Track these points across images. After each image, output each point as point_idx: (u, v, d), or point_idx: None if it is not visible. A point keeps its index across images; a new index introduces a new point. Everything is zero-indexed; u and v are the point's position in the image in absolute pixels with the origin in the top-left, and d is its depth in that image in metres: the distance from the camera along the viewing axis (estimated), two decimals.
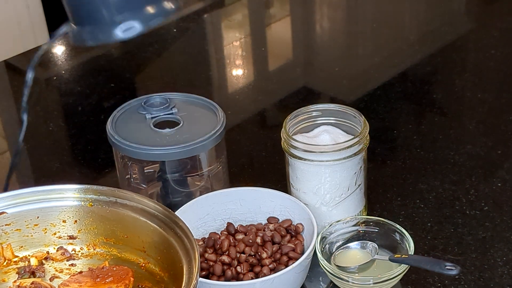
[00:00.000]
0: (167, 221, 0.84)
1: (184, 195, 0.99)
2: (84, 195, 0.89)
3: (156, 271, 0.86)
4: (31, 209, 0.89)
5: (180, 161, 0.96)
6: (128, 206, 0.87)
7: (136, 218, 0.86)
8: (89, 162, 1.20)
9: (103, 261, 0.89)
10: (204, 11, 1.71)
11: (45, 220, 0.90)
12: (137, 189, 0.98)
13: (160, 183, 0.99)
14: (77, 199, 0.89)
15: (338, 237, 0.94)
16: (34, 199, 0.89)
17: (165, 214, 0.84)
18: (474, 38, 1.52)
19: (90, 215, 0.89)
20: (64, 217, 0.90)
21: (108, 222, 0.89)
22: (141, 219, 0.86)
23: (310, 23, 1.68)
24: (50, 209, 0.90)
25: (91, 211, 0.89)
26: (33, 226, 0.90)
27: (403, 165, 1.12)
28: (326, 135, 0.97)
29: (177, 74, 1.45)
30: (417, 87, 1.35)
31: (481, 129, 1.21)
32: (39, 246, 0.91)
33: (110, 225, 0.89)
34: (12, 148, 1.26)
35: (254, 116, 1.32)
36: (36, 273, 0.88)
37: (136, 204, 0.87)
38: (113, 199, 0.88)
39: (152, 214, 0.85)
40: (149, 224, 0.85)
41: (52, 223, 0.90)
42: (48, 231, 0.90)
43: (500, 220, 1.00)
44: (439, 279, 0.91)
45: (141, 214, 0.86)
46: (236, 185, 0.99)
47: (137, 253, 0.88)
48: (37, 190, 0.89)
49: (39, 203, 0.89)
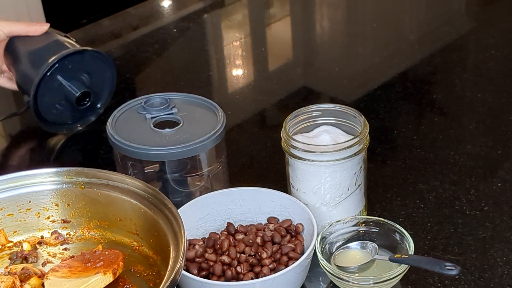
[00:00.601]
0: (156, 203, 0.84)
1: (184, 195, 0.99)
2: (76, 178, 0.89)
3: (149, 254, 0.86)
4: (22, 194, 0.89)
5: (180, 161, 0.96)
6: (118, 188, 0.87)
7: (127, 200, 0.86)
8: (89, 162, 1.19)
9: (97, 244, 0.89)
10: (204, 11, 1.71)
11: (37, 204, 0.90)
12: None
13: (160, 183, 0.99)
14: (68, 182, 0.89)
15: (338, 237, 0.94)
16: (24, 183, 0.89)
17: (155, 195, 0.84)
18: (474, 38, 1.52)
19: (82, 198, 0.89)
20: (57, 201, 0.89)
21: (100, 205, 0.88)
22: (132, 202, 0.86)
23: (310, 23, 1.68)
24: (42, 192, 0.89)
25: (82, 194, 0.89)
26: (26, 211, 0.89)
27: (403, 165, 1.12)
28: (326, 135, 0.97)
29: (177, 74, 1.45)
30: (417, 87, 1.35)
31: (481, 129, 1.21)
32: (33, 231, 0.90)
33: (103, 208, 0.88)
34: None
35: (254, 116, 1.32)
36: (29, 258, 0.88)
37: (126, 186, 0.86)
38: (104, 181, 0.88)
39: (142, 196, 0.85)
40: (139, 206, 0.85)
41: (45, 207, 0.90)
42: (41, 215, 0.90)
43: (500, 220, 1.00)
44: (439, 279, 0.91)
45: (131, 196, 0.86)
46: (236, 185, 0.99)
47: (131, 236, 0.88)
48: (27, 174, 0.89)
49: (30, 187, 0.89)
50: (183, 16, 1.69)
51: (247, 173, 1.13)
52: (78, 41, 1.59)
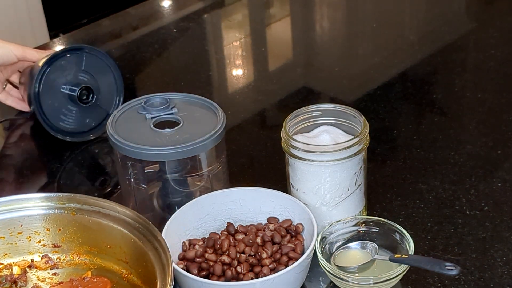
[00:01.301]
0: (146, 233, 0.84)
1: (184, 195, 0.99)
2: (68, 203, 0.89)
3: (137, 283, 0.86)
4: (14, 217, 0.89)
5: (180, 161, 0.96)
6: (109, 216, 0.87)
7: (117, 229, 0.86)
8: (89, 162, 1.20)
9: (87, 270, 0.89)
10: (204, 11, 1.71)
11: (29, 228, 0.90)
12: (137, 189, 0.98)
13: (160, 183, 0.99)
14: (60, 208, 0.89)
15: (338, 237, 0.94)
16: (17, 207, 0.89)
17: (144, 226, 0.84)
18: (474, 38, 1.52)
19: (74, 224, 0.89)
20: (48, 226, 0.89)
21: (91, 232, 0.89)
22: (122, 230, 0.86)
23: (310, 23, 1.68)
24: (34, 217, 0.89)
25: (74, 220, 0.89)
26: (17, 234, 0.89)
27: (403, 165, 1.12)
28: (326, 135, 0.97)
29: (177, 74, 1.45)
30: (417, 87, 1.35)
31: (481, 129, 1.21)
32: (23, 254, 0.90)
33: (93, 235, 0.89)
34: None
35: (254, 116, 1.32)
36: (18, 282, 0.88)
37: (117, 215, 0.86)
38: (95, 208, 0.88)
39: (132, 226, 0.85)
40: (129, 235, 0.85)
41: (36, 231, 0.90)
42: (32, 239, 0.90)
43: (500, 220, 1.00)
44: (439, 279, 0.91)
45: (121, 225, 0.86)
46: (236, 185, 0.99)
47: (120, 263, 0.88)
48: (20, 198, 0.89)
49: (22, 210, 0.89)
50: (183, 16, 1.69)
51: (247, 173, 1.13)
52: (79, 41, 1.59)
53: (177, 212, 0.93)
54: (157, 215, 1.00)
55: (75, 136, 1.21)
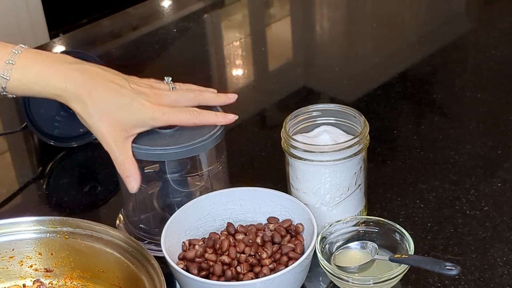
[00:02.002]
0: (139, 257, 0.83)
1: (184, 195, 0.99)
2: (60, 227, 0.88)
3: None
4: (6, 241, 0.88)
5: (180, 161, 0.96)
6: (102, 240, 0.86)
7: (110, 253, 0.85)
8: (89, 162, 1.19)
9: None
10: (204, 11, 1.71)
11: (20, 253, 0.88)
12: (137, 189, 0.98)
13: (160, 183, 0.99)
14: (52, 232, 0.88)
15: (338, 237, 0.94)
16: (8, 231, 0.88)
17: (138, 249, 0.83)
18: (474, 38, 1.52)
19: (66, 248, 0.88)
20: (40, 250, 0.88)
21: (83, 256, 0.88)
22: (115, 254, 0.85)
23: (310, 23, 1.68)
24: (26, 241, 0.88)
25: (66, 244, 0.88)
26: (9, 259, 0.88)
27: (403, 165, 1.12)
28: (326, 135, 0.97)
29: (177, 74, 1.44)
30: (417, 87, 1.35)
31: (481, 129, 1.21)
32: (15, 279, 0.89)
33: (86, 259, 0.88)
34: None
35: (254, 116, 1.32)
36: None
37: (110, 238, 0.86)
38: (88, 232, 0.87)
39: (125, 249, 0.84)
40: (122, 260, 0.84)
41: (28, 255, 0.89)
42: (24, 263, 0.89)
43: (500, 220, 1.00)
44: (439, 279, 0.91)
45: (114, 249, 0.85)
46: (236, 185, 0.99)
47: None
48: (11, 222, 0.88)
49: (14, 235, 0.88)
50: (183, 16, 1.69)
51: (247, 173, 1.13)
52: (78, 41, 1.59)
53: (177, 212, 0.93)
54: (157, 215, 1.00)
55: (70, 141, 1.21)
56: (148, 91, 0.92)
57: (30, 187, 1.16)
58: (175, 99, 0.94)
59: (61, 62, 0.90)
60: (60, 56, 0.92)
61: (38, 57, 0.90)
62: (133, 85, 0.92)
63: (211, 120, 0.93)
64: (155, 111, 0.90)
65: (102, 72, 0.91)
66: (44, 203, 1.12)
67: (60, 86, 0.89)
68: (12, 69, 0.89)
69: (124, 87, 0.90)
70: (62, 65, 0.90)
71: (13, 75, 0.89)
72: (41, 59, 0.90)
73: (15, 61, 0.89)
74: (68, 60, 0.91)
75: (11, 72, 0.89)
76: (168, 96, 0.94)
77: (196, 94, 0.96)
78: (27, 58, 0.90)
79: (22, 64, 0.89)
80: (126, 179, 0.90)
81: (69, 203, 1.11)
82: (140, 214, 1.00)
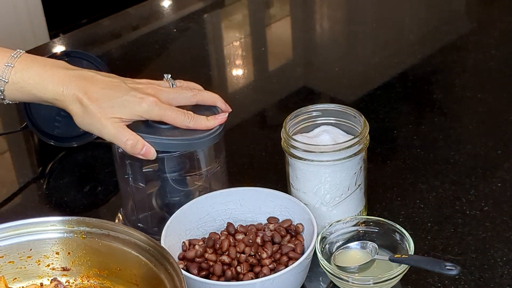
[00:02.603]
0: (158, 256, 0.83)
1: (183, 195, 0.99)
2: (77, 227, 0.88)
3: None
4: (24, 241, 0.88)
5: (179, 160, 0.96)
6: (119, 239, 0.86)
7: (128, 252, 0.86)
8: (89, 162, 1.19)
9: None
10: (204, 11, 1.71)
11: (38, 252, 0.89)
12: (136, 189, 0.98)
13: (159, 183, 0.99)
14: (69, 231, 0.88)
15: (338, 237, 0.94)
16: (26, 231, 0.88)
17: (156, 249, 0.84)
18: (474, 38, 1.52)
19: (83, 247, 0.89)
20: (57, 249, 0.89)
21: (100, 255, 0.88)
22: (133, 253, 0.85)
23: (310, 23, 1.68)
24: (43, 241, 0.89)
25: (83, 243, 0.88)
26: (26, 258, 0.89)
27: (403, 165, 1.12)
28: (326, 135, 0.97)
29: (177, 74, 1.44)
30: (417, 87, 1.35)
31: (481, 129, 1.21)
32: (33, 278, 0.90)
33: (103, 258, 0.88)
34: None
35: (254, 116, 1.32)
36: None
37: (128, 238, 0.86)
38: (105, 231, 0.87)
39: (143, 249, 0.85)
40: (140, 258, 0.84)
41: (46, 255, 0.89)
42: (41, 263, 0.89)
43: (500, 220, 1.00)
44: (439, 279, 0.91)
45: (132, 248, 0.85)
46: (236, 185, 0.99)
47: (130, 286, 0.87)
48: (29, 222, 0.88)
49: (32, 235, 0.88)
50: (183, 16, 1.69)
51: (247, 173, 1.13)
52: (78, 41, 1.59)
53: (177, 212, 0.93)
54: (156, 214, 1.00)
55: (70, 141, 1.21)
56: (145, 86, 0.94)
57: (30, 187, 1.16)
58: (173, 97, 0.95)
59: (59, 68, 0.92)
60: (57, 62, 0.94)
61: (37, 61, 0.92)
62: (130, 83, 0.94)
63: (203, 126, 0.94)
64: (150, 103, 0.91)
65: (99, 76, 0.93)
66: (44, 203, 1.12)
67: (57, 90, 0.91)
68: (11, 72, 0.90)
69: (119, 85, 0.92)
70: (60, 70, 0.92)
71: (12, 78, 0.90)
72: (39, 63, 0.92)
73: (14, 64, 0.90)
74: (66, 66, 0.93)
75: (10, 75, 0.90)
76: (166, 93, 0.95)
77: (194, 93, 0.97)
78: (26, 62, 0.92)
79: (21, 67, 0.91)
80: (143, 152, 0.91)
81: (69, 203, 1.11)
82: (139, 213, 1.00)
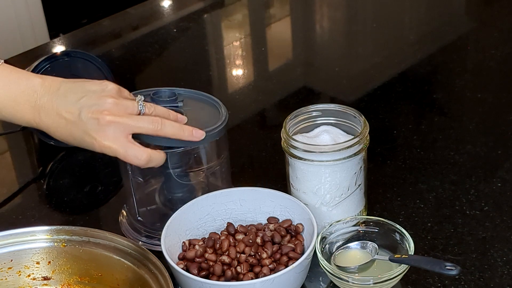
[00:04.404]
0: (140, 258, 0.84)
1: (186, 191, 0.99)
2: (56, 235, 0.88)
3: None
4: (5, 253, 0.88)
5: (182, 156, 0.96)
6: (100, 245, 0.87)
7: (109, 257, 0.86)
8: (89, 162, 1.19)
9: None
10: (204, 11, 1.71)
11: (18, 263, 0.89)
12: (138, 185, 0.98)
13: (162, 179, 0.99)
14: (49, 240, 0.89)
15: (338, 237, 0.94)
16: (7, 243, 0.88)
17: (138, 251, 0.84)
18: (474, 38, 1.52)
19: (64, 255, 0.89)
20: (38, 259, 0.89)
21: (81, 262, 0.88)
22: (114, 257, 0.86)
23: (310, 23, 1.68)
24: (24, 251, 0.89)
25: (64, 251, 0.88)
26: (7, 269, 0.89)
27: (403, 165, 1.12)
28: (326, 135, 0.97)
29: (177, 74, 1.45)
30: (417, 87, 1.35)
31: (481, 129, 1.21)
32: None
33: (84, 264, 0.88)
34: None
35: (254, 116, 1.32)
36: None
37: (108, 243, 0.86)
38: (85, 238, 0.88)
39: (125, 252, 0.85)
40: (122, 262, 0.85)
41: (26, 265, 0.89)
42: (22, 273, 0.89)
43: (500, 220, 1.00)
44: (439, 279, 0.91)
45: (114, 252, 0.86)
46: (236, 185, 0.99)
47: None
48: (10, 234, 0.89)
49: (12, 246, 0.89)
50: (183, 16, 1.69)
51: (247, 173, 1.13)
52: (78, 41, 1.59)
53: (177, 212, 0.93)
54: (159, 210, 1.00)
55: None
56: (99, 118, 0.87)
57: (30, 187, 1.16)
58: (131, 128, 0.88)
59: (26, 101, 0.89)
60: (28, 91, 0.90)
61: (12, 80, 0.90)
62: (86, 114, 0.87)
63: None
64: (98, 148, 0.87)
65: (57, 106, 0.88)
66: (44, 203, 1.12)
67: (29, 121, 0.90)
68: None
69: (74, 123, 0.87)
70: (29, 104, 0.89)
71: None
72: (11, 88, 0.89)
73: None
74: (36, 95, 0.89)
75: None
76: (121, 127, 0.87)
77: (156, 126, 0.90)
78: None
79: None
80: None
81: (69, 203, 1.11)
82: (141, 209, 1.00)
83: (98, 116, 0.86)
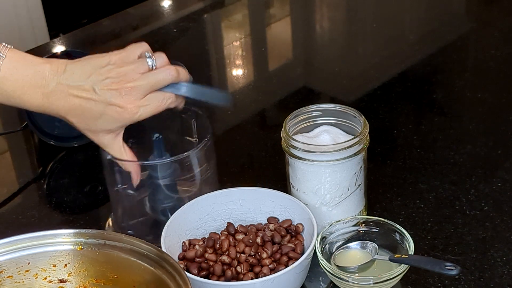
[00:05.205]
0: (157, 260, 0.83)
1: (175, 200, 0.98)
2: (74, 239, 0.89)
3: None
4: (23, 256, 0.88)
5: (170, 166, 0.96)
6: (117, 247, 0.87)
7: (126, 259, 0.86)
8: (89, 162, 1.19)
9: None
10: (204, 11, 1.71)
11: (35, 266, 0.89)
12: (125, 195, 0.98)
13: (149, 189, 0.99)
14: (67, 243, 0.89)
15: (338, 237, 0.94)
16: (25, 246, 0.88)
17: (155, 252, 0.84)
18: (474, 38, 1.52)
19: (80, 258, 0.89)
20: (55, 262, 0.89)
21: (98, 264, 0.88)
22: (131, 259, 0.85)
23: (310, 23, 1.68)
24: (41, 254, 0.89)
25: (80, 254, 0.89)
26: (25, 272, 0.89)
27: (403, 165, 1.12)
28: (326, 135, 0.97)
29: None
30: (417, 87, 1.35)
31: (481, 129, 1.21)
32: None
33: (100, 267, 0.88)
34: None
35: (254, 116, 1.32)
36: None
37: (125, 245, 0.86)
38: (102, 241, 0.88)
39: (141, 254, 0.85)
40: (139, 263, 0.85)
41: (43, 268, 0.89)
42: (39, 276, 0.90)
43: (500, 220, 1.00)
44: (439, 279, 0.91)
45: (130, 254, 0.86)
46: (236, 185, 0.99)
47: None
48: (28, 237, 0.89)
49: (30, 249, 0.89)
50: (183, 16, 1.69)
51: (247, 173, 1.13)
52: (78, 41, 1.59)
53: (177, 212, 0.93)
54: (147, 221, 1.00)
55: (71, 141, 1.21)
56: (119, 88, 0.87)
57: (30, 187, 1.16)
58: (153, 85, 0.89)
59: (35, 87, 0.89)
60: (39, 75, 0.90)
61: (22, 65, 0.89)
62: (101, 88, 0.88)
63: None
64: (128, 115, 0.88)
65: (67, 86, 0.88)
66: (44, 203, 1.12)
67: (38, 106, 0.90)
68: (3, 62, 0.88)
69: (90, 99, 0.88)
70: (38, 90, 0.89)
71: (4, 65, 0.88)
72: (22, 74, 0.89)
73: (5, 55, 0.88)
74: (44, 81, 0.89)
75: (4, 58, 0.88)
76: (143, 89, 0.88)
77: (174, 73, 0.90)
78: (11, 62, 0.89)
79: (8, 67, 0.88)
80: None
81: (69, 203, 1.11)
82: (129, 220, 1.00)
83: (117, 87, 0.87)
